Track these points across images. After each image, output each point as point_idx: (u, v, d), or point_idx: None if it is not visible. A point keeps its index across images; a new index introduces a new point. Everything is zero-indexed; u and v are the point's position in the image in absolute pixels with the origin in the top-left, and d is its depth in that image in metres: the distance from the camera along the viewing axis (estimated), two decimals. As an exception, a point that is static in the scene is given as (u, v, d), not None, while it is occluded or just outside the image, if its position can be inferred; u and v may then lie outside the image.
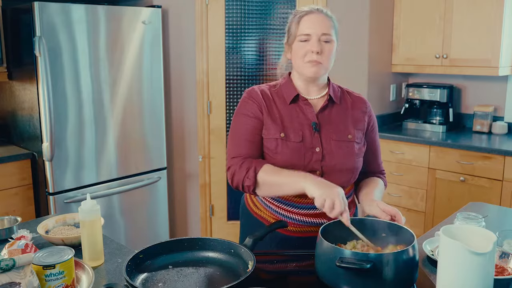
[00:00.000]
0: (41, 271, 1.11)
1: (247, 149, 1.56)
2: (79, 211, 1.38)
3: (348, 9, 3.37)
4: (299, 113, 1.57)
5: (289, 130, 1.54)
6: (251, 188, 1.52)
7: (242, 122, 1.58)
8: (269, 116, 1.56)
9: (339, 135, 1.56)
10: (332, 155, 1.54)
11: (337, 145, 1.55)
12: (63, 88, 2.82)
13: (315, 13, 1.52)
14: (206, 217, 3.68)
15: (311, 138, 1.54)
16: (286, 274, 1.39)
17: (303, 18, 1.52)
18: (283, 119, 1.56)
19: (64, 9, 2.77)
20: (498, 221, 1.81)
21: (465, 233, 1.07)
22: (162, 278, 1.24)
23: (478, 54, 3.24)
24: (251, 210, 1.69)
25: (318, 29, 1.49)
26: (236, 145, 1.57)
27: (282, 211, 1.58)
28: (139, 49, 3.15)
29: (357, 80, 3.46)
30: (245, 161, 1.53)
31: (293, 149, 1.53)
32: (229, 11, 3.41)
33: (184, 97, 3.51)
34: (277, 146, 1.54)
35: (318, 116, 1.57)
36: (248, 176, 1.50)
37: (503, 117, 3.50)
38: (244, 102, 1.60)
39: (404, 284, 1.18)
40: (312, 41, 1.50)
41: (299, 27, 1.52)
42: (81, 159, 2.95)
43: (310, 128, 1.55)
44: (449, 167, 3.17)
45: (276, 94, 1.60)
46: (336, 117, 1.59)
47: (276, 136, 1.54)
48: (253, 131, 1.56)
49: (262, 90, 1.61)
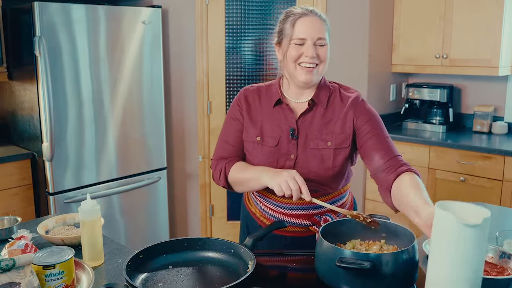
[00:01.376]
0: (41, 271, 1.11)
1: (225, 151, 1.62)
2: (79, 211, 1.38)
3: (348, 9, 3.37)
4: (281, 117, 1.56)
5: (266, 134, 1.55)
6: (227, 187, 1.60)
7: (226, 125, 1.65)
8: (249, 119, 1.58)
9: (317, 142, 1.51)
10: (306, 163, 1.52)
11: (312, 154, 1.52)
12: (63, 88, 2.82)
13: (309, 16, 1.47)
14: (206, 217, 3.68)
15: (287, 144, 1.53)
16: (286, 274, 1.39)
17: (298, 21, 1.47)
18: (263, 122, 1.57)
19: (64, 9, 2.77)
20: (498, 221, 1.81)
21: (460, 208, 1.06)
22: (162, 278, 1.24)
23: (478, 54, 3.24)
24: (246, 204, 1.74)
25: (313, 33, 1.46)
26: (217, 147, 1.66)
27: (266, 208, 1.61)
28: (139, 49, 3.15)
29: (357, 80, 3.46)
30: (219, 163, 1.60)
31: (267, 153, 1.54)
32: (229, 11, 3.41)
33: (184, 97, 3.51)
34: (254, 149, 1.57)
35: (298, 121, 1.53)
36: (220, 177, 1.58)
37: (503, 117, 3.50)
38: (232, 104, 1.65)
39: (404, 284, 1.18)
40: (307, 45, 1.46)
41: (294, 30, 1.47)
42: (81, 159, 2.95)
43: (288, 134, 1.53)
44: (449, 167, 3.17)
45: (266, 95, 1.60)
46: (318, 123, 1.53)
47: (253, 139, 1.57)
48: (234, 134, 1.61)
49: (252, 91, 1.62)
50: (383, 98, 3.72)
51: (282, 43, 1.52)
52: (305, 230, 1.59)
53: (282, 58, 1.52)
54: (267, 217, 1.62)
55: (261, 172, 1.46)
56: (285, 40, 1.49)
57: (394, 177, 1.42)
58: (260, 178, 1.45)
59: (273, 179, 1.39)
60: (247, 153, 1.60)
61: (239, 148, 1.61)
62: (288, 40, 1.48)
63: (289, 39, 1.48)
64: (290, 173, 1.38)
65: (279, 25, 1.53)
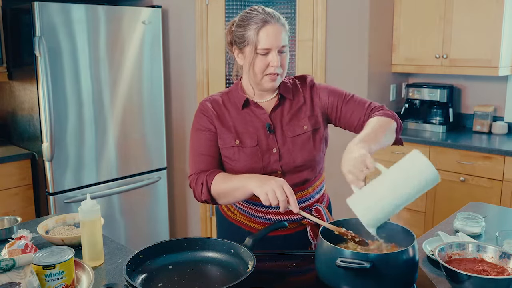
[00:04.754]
0: (41, 271, 1.11)
1: (203, 163, 1.56)
2: (79, 211, 1.38)
3: (348, 9, 3.37)
4: (252, 117, 1.57)
5: (244, 136, 1.55)
6: (210, 201, 1.54)
7: (195, 138, 1.59)
8: (222, 125, 1.57)
9: (293, 130, 1.56)
10: (289, 153, 1.54)
11: (292, 142, 1.55)
12: (63, 88, 2.82)
13: (272, 25, 1.47)
14: (206, 217, 3.68)
15: (266, 140, 1.55)
16: (286, 274, 1.38)
17: (262, 30, 1.45)
18: (236, 126, 1.56)
19: (64, 9, 2.77)
20: (498, 221, 1.81)
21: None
22: (162, 278, 1.24)
23: (478, 54, 3.24)
24: (225, 214, 1.71)
25: (277, 42, 1.46)
26: (192, 162, 1.59)
27: (256, 212, 1.60)
28: (139, 49, 3.15)
29: (357, 80, 3.46)
30: (199, 176, 1.53)
31: (249, 154, 1.54)
32: (229, 11, 3.41)
33: (184, 97, 3.51)
34: (234, 154, 1.55)
35: (271, 116, 1.57)
36: (202, 191, 1.51)
37: (503, 117, 3.50)
38: (196, 117, 1.61)
39: (404, 284, 1.18)
40: (272, 54, 1.47)
41: (258, 39, 1.45)
42: (81, 159, 2.95)
43: (265, 130, 1.55)
44: (449, 167, 3.17)
45: (228, 101, 1.60)
46: (289, 113, 1.58)
47: (231, 144, 1.55)
48: (208, 144, 1.57)
49: (213, 100, 1.60)
50: (383, 98, 3.72)
51: (244, 49, 1.50)
52: (297, 225, 1.60)
53: (247, 66, 1.51)
54: (258, 222, 1.60)
55: (247, 179, 1.41)
56: (249, 48, 1.48)
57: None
58: (246, 185, 1.40)
59: (260, 187, 1.34)
60: (227, 160, 1.57)
61: (216, 158, 1.58)
62: (252, 49, 1.47)
63: (254, 47, 1.47)
64: (278, 182, 1.34)
65: (239, 30, 1.50)
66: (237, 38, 1.51)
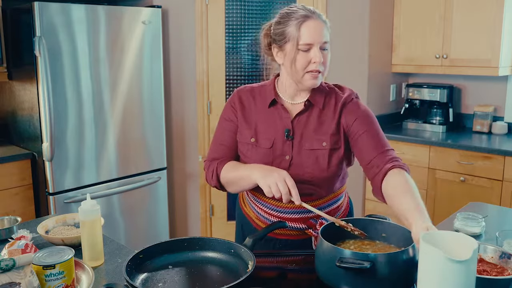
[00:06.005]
0: (41, 271, 1.11)
1: (218, 152, 1.61)
2: (79, 211, 1.38)
3: (348, 9, 3.37)
4: (276, 118, 1.54)
5: (261, 135, 1.54)
6: (219, 187, 1.59)
7: (219, 126, 1.64)
8: (244, 120, 1.57)
9: (312, 143, 1.50)
10: (300, 165, 1.51)
11: (307, 155, 1.50)
12: (63, 88, 2.82)
13: (314, 20, 1.42)
14: (206, 217, 3.68)
15: (282, 145, 1.52)
16: (286, 274, 1.39)
17: (303, 25, 1.41)
18: (258, 123, 1.55)
19: (64, 9, 2.77)
20: (498, 221, 1.81)
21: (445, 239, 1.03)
22: (162, 278, 1.24)
23: (478, 54, 3.24)
24: (241, 205, 1.73)
25: (319, 38, 1.42)
26: (211, 149, 1.65)
27: (262, 212, 1.60)
28: (139, 49, 3.15)
29: (357, 80, 3.46)
30: (211, 164, 1.60)
31: (262, 154, 1.53)
32: (229, 11, 3.41)
33: (184, 97, 3.51)
34: (248, 151, 1.56)
35: (294, 122, 1.52)
36: (212, 178, 1.57)
37: (503, 117, 3.50)
38: (226, 106, 1.64)
39: (404, 284, 1.18)
40: (314, 50, 1.42)
41: (300, 34, 1.41)
42: (81, 159, 2.95)
43: (283, 134, 1.52)
44: (449, 167, 3.17)
45: (259, 95, 1.59)
46: (313, 123, 1.52)
47: (247, 140, 1.56)
48: (228, 134, 1.60)
49: (247, 91, 1.61)
50: (383, 98, 3.73)
51: (285, 47, 1.45)
52: (300, 233, 1.58)
53: (288, 64, 1.46)
54: (262, 220, 1.60)
55: (251, 169, 1.44)
56: (290, 45, 1.43)
57: (381, 177, 1.41)
58: (250, 175, 1.43)
59: (263, 179, 1.37)
60: (241, 154, 1.59)
61: (232, 149, 1.60)
62: (293, 45, 1.42)
63: (295, 43, 1.42)
64: (281, 174, 1.35)
65: (279, 27, 1.46)
66: (276, 35, 1.47)
